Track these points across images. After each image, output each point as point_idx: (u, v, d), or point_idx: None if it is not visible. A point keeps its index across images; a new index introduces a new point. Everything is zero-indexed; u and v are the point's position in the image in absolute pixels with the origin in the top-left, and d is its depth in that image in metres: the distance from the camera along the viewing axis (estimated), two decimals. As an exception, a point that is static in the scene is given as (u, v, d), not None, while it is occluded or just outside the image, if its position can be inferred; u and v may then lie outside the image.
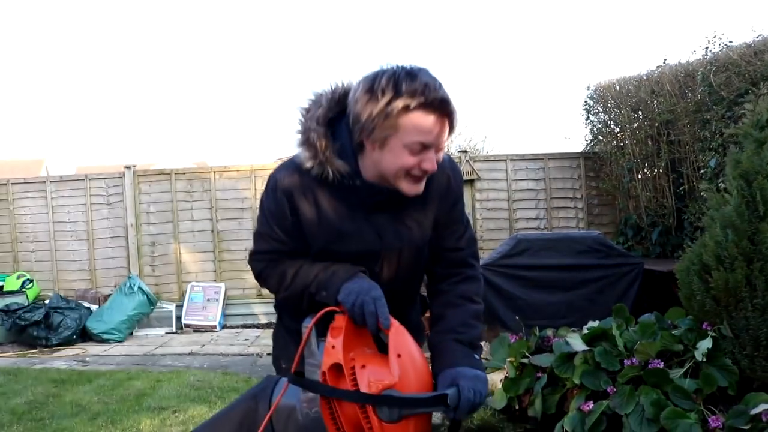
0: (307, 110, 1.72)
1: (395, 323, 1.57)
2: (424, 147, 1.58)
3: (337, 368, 1.54)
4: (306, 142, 1.67)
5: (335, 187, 1.69)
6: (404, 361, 1.52)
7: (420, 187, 1.66)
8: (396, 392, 1.48)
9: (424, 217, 1.79)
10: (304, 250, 1.78)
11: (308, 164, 1.66)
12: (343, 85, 1.72)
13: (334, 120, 1.69)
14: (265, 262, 1.83)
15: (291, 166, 1.74)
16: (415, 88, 1.53)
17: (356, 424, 1.52)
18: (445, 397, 1.51)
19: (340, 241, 1.73)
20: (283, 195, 1.72)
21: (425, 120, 1.55)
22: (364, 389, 1.50)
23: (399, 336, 1.55)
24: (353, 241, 1.73)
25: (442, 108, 1.56)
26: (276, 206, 1.74)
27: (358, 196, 1.70)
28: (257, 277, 1.87)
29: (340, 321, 1.61)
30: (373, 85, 1.57)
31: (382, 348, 1.57)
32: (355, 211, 1.72)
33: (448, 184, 1.80)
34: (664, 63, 7.16)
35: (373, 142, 1.60)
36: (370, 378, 1.50)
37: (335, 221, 1.72)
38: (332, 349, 1.55)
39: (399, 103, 1.53)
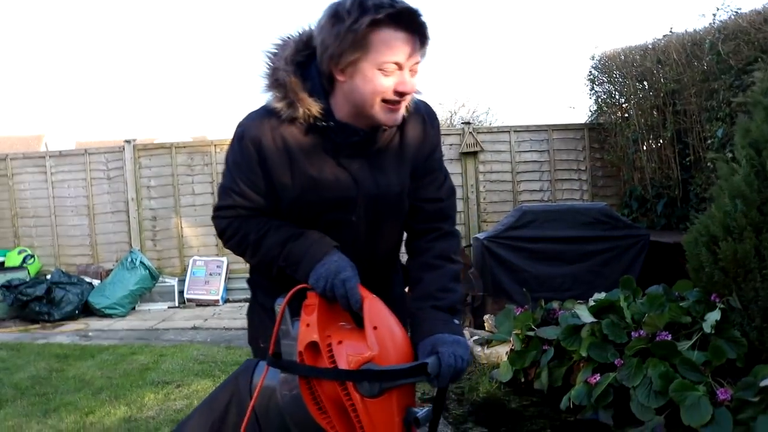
0: (274, 54, 1.64)
1: (368, 296, 1.53)
2: (398, 67, 1.52)
3: (313, 346, 1.49)
4: (274, 83, 1.60)
5: (307, 131, 1.61)
6: (381, 333, 1.47)
7: (398, 116, 1.59)
8: (375, 366, 1.43)
9: (402, 164, 1.71)
10: (270, 207, 1.69)
11: (278, 105, 1.59)
12: (310, 28, 1.63)
13: (303, 64, 1.62)
14: (228, 220, 1.72)
15: (259, 112, 1.66)
16: (381, 2, 1.47)
17: (337, 401, 1.47)
18: (425, 366, 1.47)
19: (314, 189, 1.64)
20: (250, 144, 1.62)
21: (395, 36, 1.49)
22: (342, 366, 1.45)
23: (374, 308, 1.50)
24: (328, 188, 1.64)
25: (411, 21, 1.50)
26: (242, 157, 1.64)
27: (332, 140, 1.62)
28: (220, 235, 1.78)
29: (312, 298, 1.56)
30: (337, 8, 1.51)
31: (359, 322, 1.52)
32: (330, 157, 1.64)
33: (424, 128, 1.74)
34: (670, 32, 7.05)
35: (343, 71, 1.54)
36: (348, 353, 1.45)
37: (308, 167, 1.63)
38: (307, 327, 1.50)
39: (366, 19, 1.46)
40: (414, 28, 1.51)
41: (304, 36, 1.64)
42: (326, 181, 1.64)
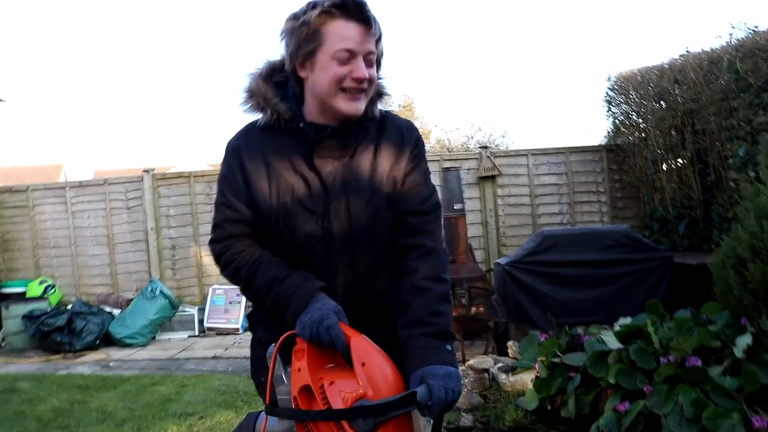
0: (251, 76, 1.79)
1: (353, 334, 1.55)
2: (351, 55, 1.62)
3: (307, 390, 1.51)
4: (250, 95, 1.74)
5: (282, 135, 1.71)
6: (370, 369, 1.49)
7: (358, 105, 1.66)
8: (368, 402, 1.44)
9: (375, 173, 1.73)
10: (256, 220, 1.73)
11: (253, 114, 1.74)
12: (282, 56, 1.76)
13: (281, 84, 1.75)
14: (222, 244, 1.77)
15: (241, 128, 1.80)
16: (333, 1, 1.61)
17: None
18: (414, 395, 1.47)
19: (288, 192, 1.70)
20: (233, 156, 1.75)
21: (347, 27, 1.61)
22: (337, 405, 1.46)
23: (360, 345, 1.53)
24: (300, 189, 1.70)
25: (359, 12, 1.61)
26: (228, 170, 1.75)
27: (307, 142, 1.69)
28: (216, 261, 1.81)
29: (301, 343, 1.59)
30: (294, 12, 1.67)
31: (349, 360, 1.54)
32: (303, 160, 1.71)
33: (400, 138, 1.78)
34: (686, 51, 7.02)
35: (303, 65, 1.66)
36: (341, 392, 1.47)
37: (282, 170, 1.70)
38: (299, 372, 1.53)
39: (315, 11, 1.60)
40: (361, 18, 1.61)
41: (277, 60, 1.77)
42: (298, 183, 1.70)
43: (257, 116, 1.76)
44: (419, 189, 1.80)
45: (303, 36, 1.62)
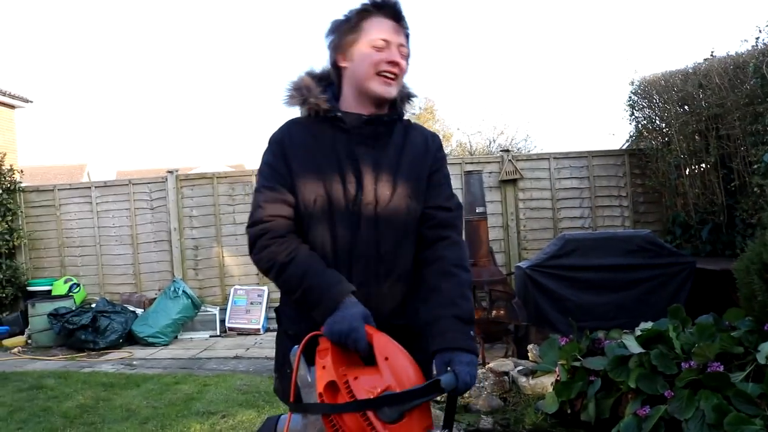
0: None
1: (374, 332, 1.64)
2: (386, 44, 1.86)
3: (332, 386, 1.58)
4: (295, 89, 1.95)
5: (321, 127, 1.90)
6: (393, 363, 1.58)
7: (391, 90, 1.88)
8: (392, 392, 1.54)
9: (401, 161, 1.91)
10: (295, 205, 1.86)
11: (296, 106, 1.94)
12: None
13: (325, 81, 1.97)
14: (260, 226, 1.85)
15: (283, 124, 1.98)
16: (373, 1, 1.89)
17: None
18: (438, 383, 1.56)
19: (325, 175, 1.85)
20: (277, 146, 1.91)
21: (383, 22, 1.88)
22: (362, 398, 1.54)
23: (381, 341, 1.62)
24: (335, 174, 1.85)
25: (393, 11, 1.89)
26: (272, 158, 1.91)
27: (342, 130, 1.88)
28: (251, 246, 1.89)
29: (325, 342, 1.66)
30: (338, 16, 1.95)
31: (367, 360, 1.65)
32: (340, 146, 1.87)
33: (425, 141, 1.99)
34: (711, 56, 6.98)
35: (344, 56, 1.90)
36: (366, 386, 1.55)
37: (320, 156, 1.86)
38: (323, 370, 1.60)
39: (357, 9, 1.89)
40: (395, 15, 1.90)
41: (321, 71, 2.00)
42: (334, 167, 1.86)
43: (296, 111, 1.96)
44: (444, 188, 1.99)
45: (346, 30, 1.89)
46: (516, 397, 4.46)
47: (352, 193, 1.84)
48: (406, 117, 2.01)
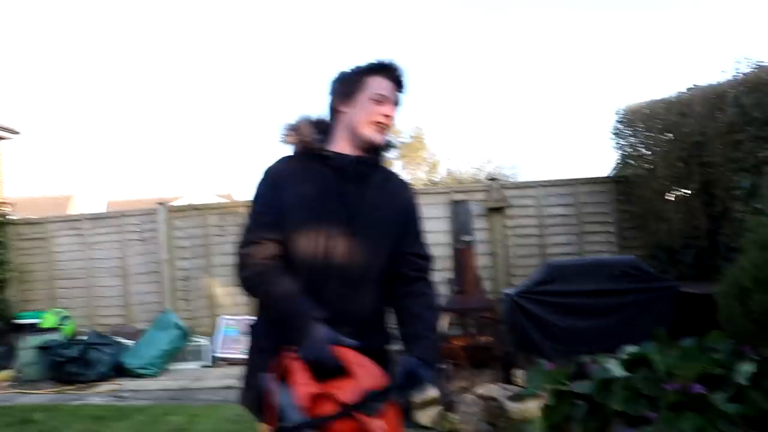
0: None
1: (340, 349, 1.84)
2: (384, 99, 2.15)
3: (313, 398, 1.75)
4: (290, 129, 2.19)
5: (313, 164, 2.14)
6: (364, 368, 1.84)
7: (382, 137, 2.17)
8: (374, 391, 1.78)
9: (381, 202, 2.19)
10: (284, 230, 2.07)
11: (290, 141, 2.18)
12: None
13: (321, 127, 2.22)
14: (251, 247, 2.09)
15: (278, 158, 2.22)
16: (377, 61, 2.20)
17: None
18: (411, 372, 1.91)
19: (313, 208, 2.09)
20: (270, 177, 2.16)
21: (384, 81, 2.17)
22: (347, 401, 1.73)
23: (349, 354, 1.84)
24: (322, 206, 2.10)
25: (395, 75, 2.19)
26: (265, 188, 2.15)
27: (331, 167, 2.13)
28: (241, 265, 2.11)
29: (296, 363, 1.84)
30: (344, 70, 2.24)
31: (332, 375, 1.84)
32: (328, 182, 2.13)
33: (405, 190, 2.33)
34: (693, 86, 7.13)
35: (346, 102, 2.17)
36: (348, 392, 1.75)
37: (312, 190, 2.11)
38: (303, 385, 1.77)
39: (367, 66, 2.19)
40: (396, 79, 2.19)
41: (316, 118, 2.25)
42: (322, 201, 2.11)
43: (289, 148, 2.20)
44: (420, 235, 2.31)
45: (351, 81, 2.18)
46: (504, 422, 4.50)
47: (337, 222, 2.09)
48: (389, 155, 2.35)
